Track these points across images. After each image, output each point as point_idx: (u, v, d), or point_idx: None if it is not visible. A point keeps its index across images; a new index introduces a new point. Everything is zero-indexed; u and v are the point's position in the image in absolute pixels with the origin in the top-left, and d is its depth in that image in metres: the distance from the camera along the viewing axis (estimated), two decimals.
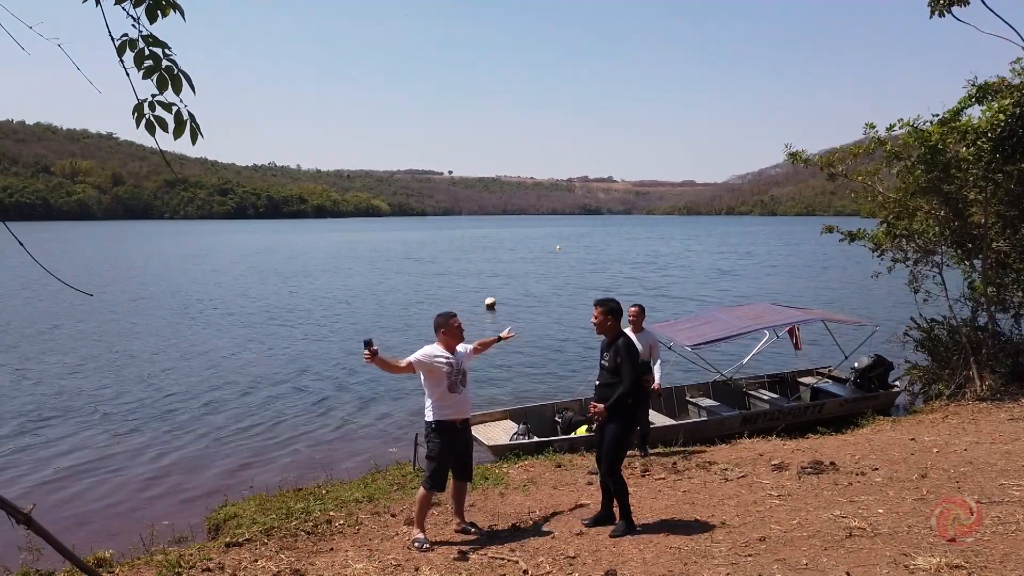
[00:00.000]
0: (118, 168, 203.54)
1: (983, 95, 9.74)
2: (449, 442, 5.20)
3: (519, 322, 20.82)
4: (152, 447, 9.78)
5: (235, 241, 74.60)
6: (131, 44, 2.55)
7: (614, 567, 4.57)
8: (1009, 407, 9.17)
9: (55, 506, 7.73)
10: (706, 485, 6.51)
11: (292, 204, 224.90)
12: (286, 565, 4.89)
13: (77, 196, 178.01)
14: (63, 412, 11.46)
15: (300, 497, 6.73)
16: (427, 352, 5.20)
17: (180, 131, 2.61)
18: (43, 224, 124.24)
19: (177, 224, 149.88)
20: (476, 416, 9.58)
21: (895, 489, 5.93)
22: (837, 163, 11.23)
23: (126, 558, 5.44)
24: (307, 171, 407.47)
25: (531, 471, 7.37)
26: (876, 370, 10.78)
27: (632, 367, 5.19)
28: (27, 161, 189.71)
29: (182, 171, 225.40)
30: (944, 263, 10.98)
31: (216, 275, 36.16)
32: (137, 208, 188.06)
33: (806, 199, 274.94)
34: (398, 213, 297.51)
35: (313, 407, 11.82)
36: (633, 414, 5.40)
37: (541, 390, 12.86)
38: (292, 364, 15.20)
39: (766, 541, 4.82)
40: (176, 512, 7.50)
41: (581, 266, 43.03)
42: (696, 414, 10.22)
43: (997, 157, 9.27)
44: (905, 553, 4.39)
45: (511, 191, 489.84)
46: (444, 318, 5.34)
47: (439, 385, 5.17)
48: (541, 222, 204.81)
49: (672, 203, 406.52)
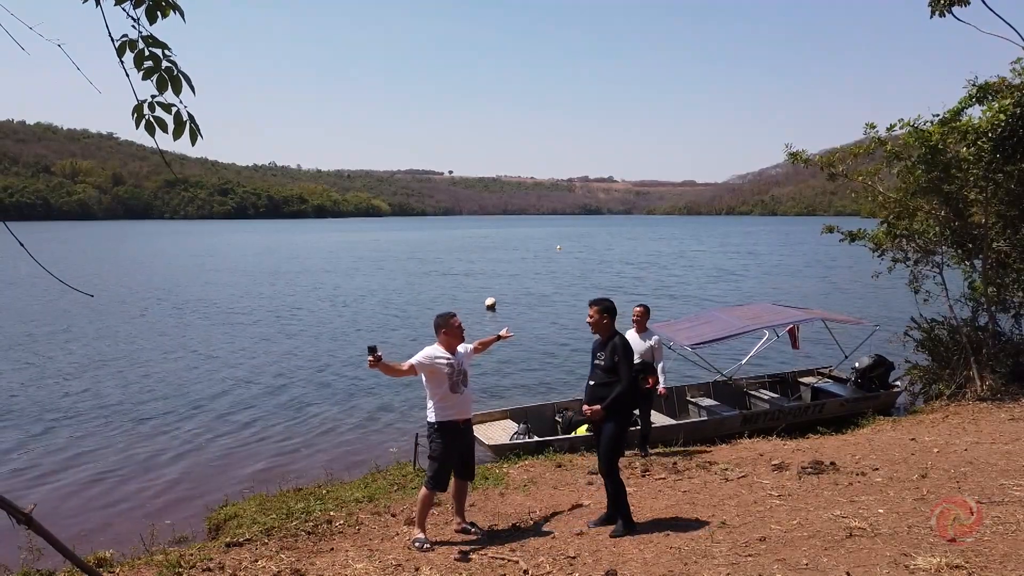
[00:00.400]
0: (118, 168, 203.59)
1: (983, 95, 9.74)
2: (452, 442, 5.20)
3: (520, 322, 20.82)
4: (152, 447, 9.78)
5: (236, 241, 74.62)
6: (131, 45, 2.55)
7: (614, 567, 4.57)
8: (1009, 407, 9.17)
9: (56, 506, 7.73)
10: (706, 485, 6.51)
11: (292, 204, 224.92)
12: (286, 565, 4.89)
13: (77, 196, 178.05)
14: (64, 413, 11.46)
15: (300, 497, 6.73)
16: (428, 354, 5.20)
17: (180, 132, 2.61)
18: (43, 224, 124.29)
19: (177, 224, 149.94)
20: (476, 416, 9.57)
21: (895, 489, 5.93)
22: (837, 163, 11.22)
23: (126, 558, 5.44)
24: (307, 171, 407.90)
25: (531, 471, 7.38)
26: (877, 370, 10.78)
27: (629, 366, 5.21)
28: (27, 161, 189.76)
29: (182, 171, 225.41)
30: (944, 263, 10.98)
31: (219, 275, 36.17)
32: (137, 208, 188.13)
33: (806, 199, 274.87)
34: (398, 213, 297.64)
35: (313, 407, 11.82)
36: (630, 413, 5.42)
37: (541, 390, 12.86)
38: (293, 365, 15.19)
39: (766, 541, 4.82)
40: (176, 512, 7.50)
41: (582, 266, 43.03)
42: (696, 414, 10.22)
43: (997, 157, 9.27)
44: (905, 553, 4.39)
45: (511, 191, 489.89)
46: (444, 318, 5.34)
47: (441, 386, 5.17)
48: (541, 222, 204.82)
49: (672, 203, 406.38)
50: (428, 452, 5.29)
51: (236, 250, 58.47)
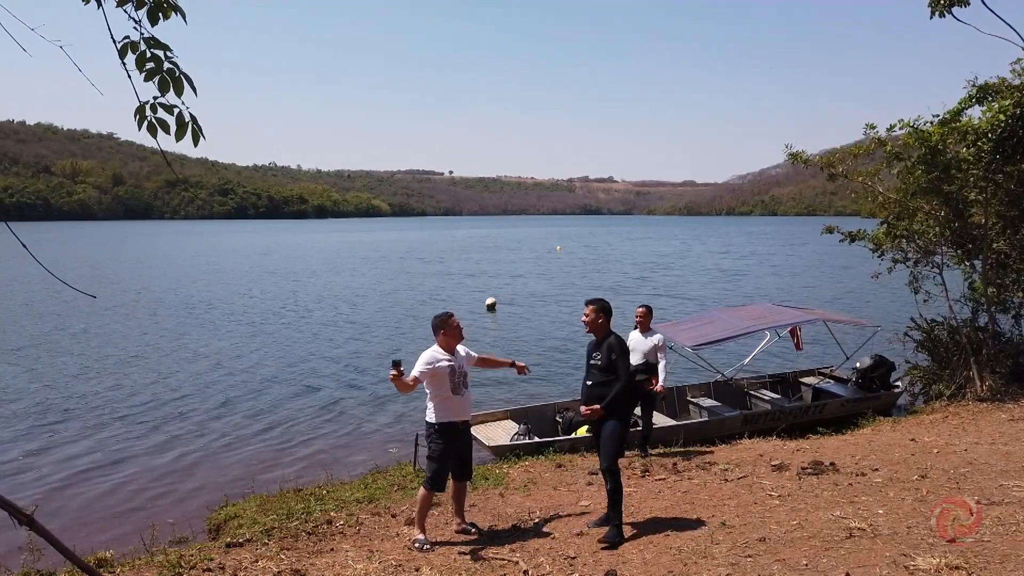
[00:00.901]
0: (118, 168, 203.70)
1: (983, 95, 9.74)
2: (451, 443, 5.21)
3: (520, 322, 20.83)
4: (152, 448, 9.78)
5: (237, 241, 74.63)
6: (133, 46, 2.56)
7: (614, 567, 4.58)
8: (1009, 408, 9.17)
9: (56, 507, 7.73)
10: (706, 485, 6.52)
11: (293, 204, 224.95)
12: (286, 565, 4.89)
13: (78, 196, 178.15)
14: (64, 413, 11.46)
15: (301, 497, 6.73)
16: (428, 359, 5.17)
17: (182, 133, 2.61)
18: (44, 224, 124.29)
19: (178, 224, 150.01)
20: (477, 416, 9.58)
21: (895, 490, 5.93)
22: (837, 163, 11.23)
23: (127, 558, 5.44)
24: (307, 171, 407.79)
25: (531, 471, 7.38)
26: (877, 370, 10.78)
27: (626, 363, 5.23)
28: (28, 161, 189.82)
29: (182, 171, 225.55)
30: (944, 263, 10.98)
31: (221, 275, 36.16)
32: (138, 208, 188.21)
33: (807, 199, 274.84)
34: (399, 213, 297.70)
35: (313, 407, 11.82)
36: (630, 410, 5.44)
37: (542, 390, 12.86)
38: (293, 365, 15.19)
39: (766, 541, 4.82)
40: (177, 512, 7.50)
41: (582, 266, 43.03)
42: (697, 414, 10.21)
43: (997, 158, 9.27)
44: (905, 554, 4.39)
45: (511, 191, 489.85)
46: (442, 319, 5.32)
47: (442, 387, 5.16)
48: (541, 222, 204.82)
49: (672, 203, 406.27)
50: (427, 452, 5.30)
51: (235, 250, 58.46)
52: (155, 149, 5.34)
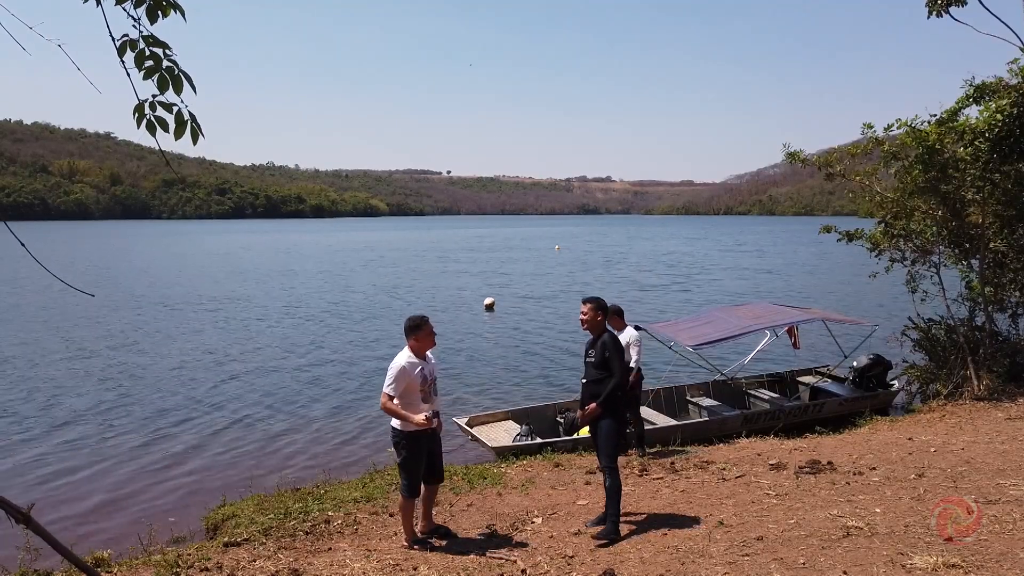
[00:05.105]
0: (116, 168, 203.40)
1: (981, 95, 9.76)
2: (420, 450, 5.09)
3: (519, 322, 20.82)
4: (151, 448, 9.77)
5: (235, 241, 74.51)
6: (132, 45, 2.55)
7: (612, 567, 4.58)
8: (1006, 406, 9.19)
9: (54, 505, 7.72)
10: (704, 484, 6.52)
11: (290, 204, 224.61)
12: (284, 565, 4.89)
13: (75, 196, 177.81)
14: (64, 413, 11.45)
15: (298, 497, 6.73)
16: (399, 370, 4.99)
17: (181, 131, 2.61)
18: (41, 224, 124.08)
19: (176, 224, 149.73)
20: (478, 416, 9.61)
21: (892, 488, 5.94)
22: (835, 163, 11.24)
23: (124, 558, 5.44)
24: (305, 171, 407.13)
25: (529, 471, 7.38)
26: (875, 369, 10.80)
27: (621, 360, 5.30)
28: (25, 161, 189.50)
29: (180, 171, 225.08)
30: (942, 263, 11.00)
31: (217, 275, 36.11)
32: (135, 208, 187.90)
33: (804, 199, 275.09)
34: (396, 213, 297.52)
35: (312, 407, 11.81)
36: (625, 406, 5.48)
37: (543, 390, 12.87)
38: (292, 365, 15.18)
39: (763, 540, 4.83)
40: (174, 512, 7.50)
41: (582, 266, 43.03)
42: (697, 414, 10.22)
43: (994, 157, 9.29)
44: (902, 552, 4.40)
45: (510, 191, 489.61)
46: (417, 322, 5.16)
47: (413, 395, 5.03)
48: (540, 222, 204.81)
49: (670, 203, 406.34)
50: (397, 461, 5.15)
51: (235, 250, 58.38)
52: (153, 149, 5.36)
